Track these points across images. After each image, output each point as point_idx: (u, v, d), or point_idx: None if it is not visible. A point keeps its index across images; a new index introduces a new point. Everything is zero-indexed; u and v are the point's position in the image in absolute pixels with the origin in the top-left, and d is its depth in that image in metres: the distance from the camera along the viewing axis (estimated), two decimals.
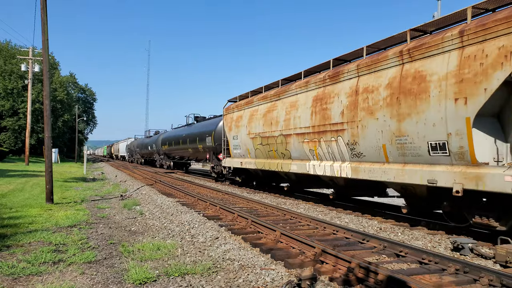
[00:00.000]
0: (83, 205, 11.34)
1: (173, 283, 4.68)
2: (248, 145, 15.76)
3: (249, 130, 15.50)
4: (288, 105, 12.59)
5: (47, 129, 11.62)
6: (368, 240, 6.74)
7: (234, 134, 17.08)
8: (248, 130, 15.52)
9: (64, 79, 63.86)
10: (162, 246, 6.35)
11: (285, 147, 12.77)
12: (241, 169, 17.36)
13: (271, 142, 13.67)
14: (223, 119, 18.97)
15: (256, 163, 15.12)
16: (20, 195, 13.14)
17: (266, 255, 6.04)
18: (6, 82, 49.92)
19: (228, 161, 18.18)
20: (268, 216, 9.55)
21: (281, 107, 13.06)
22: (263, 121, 14.22)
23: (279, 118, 13.07)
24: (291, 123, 12.29)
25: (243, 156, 16.50)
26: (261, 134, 14.36)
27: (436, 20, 7.99)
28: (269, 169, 14.02)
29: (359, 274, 4.81)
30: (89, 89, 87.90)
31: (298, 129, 11.91)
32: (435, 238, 7.57)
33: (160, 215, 9.74)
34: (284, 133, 12.74)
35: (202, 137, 22.87)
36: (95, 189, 16.62)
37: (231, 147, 17.65)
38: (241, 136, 16.29)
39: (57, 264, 5.36)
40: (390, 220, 9.48)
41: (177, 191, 14.88)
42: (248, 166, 15.93)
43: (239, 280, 4.84)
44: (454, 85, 6.88)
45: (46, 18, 11.51)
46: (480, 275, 4.76)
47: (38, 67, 37.02)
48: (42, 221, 8.42)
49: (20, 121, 50.02)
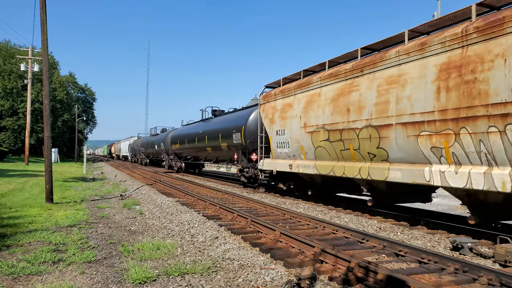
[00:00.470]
0: (83, 205, 11.35)
1: (173, 283, 4.69)
2: (303, 141, 11.95)
3: (304, 122, 11.72)
4: (382, 82, 8.88)
5: (46, 129, 11.62)
6: (368, 240, 6.75)
7: (279, 128, 13.36)
8: (304, 122, 11.76)
9: (63, 78, 63.86)
10: (162, 246, 6.35)
11: (377, 144, 9.01)
12: (287, 173, 13.49)
13: (347, 137, 9.83)
14: (259, 110, 15.22)
15: (316, 166, 11.26)
16: (20, 194, 13.14)
17: (265, 255, 6.04)
18: (6, 82, 49.89)
19: (268, 163, 14.33)
20: (267, 216, 9.56)
21: (367, 86, 9.25)
22: (331, 108, 10.41)
23: (364, 102, 9.24)
24: (391, 108, 8.54)
25: (293, 156, 12.73)
26: (328, 126, 10.55)
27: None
28: (342, 175, 10.15)
29: (359, 273, 4.82)
30: (88, 89, 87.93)
31: (406, 117, 8.15)
32: (434, 237, 7.58)
33: (160, 214, 9.75)
34: (374, 123, 9.01)
35: (226, 134, 18.93)
36: (94, 189, 16.62)
37: (273, 145, 13.87)
38: (291, 131, 12.55)
39: (57, 263, 5.37)
40: (390, 220, 9.49)
41: (176, 191, 14.88)
42: (302, 170, 12.00)
43: (239, 279, 4.84)
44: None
45: (45, 18, 11.52)
46: (479, 275, 4.77)
47: (37, 66, 37.00)
48: (42, 220, 8.42)
49: (19, 120, 50.00)
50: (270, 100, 14.27)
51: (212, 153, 22.39)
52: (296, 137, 12.33)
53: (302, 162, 12.12)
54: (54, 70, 58.14)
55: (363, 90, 9.41)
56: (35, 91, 47.55)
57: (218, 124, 21.20)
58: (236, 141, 17.76)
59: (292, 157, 12.80)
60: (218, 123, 21.51)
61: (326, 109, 10.71)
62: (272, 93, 14.18)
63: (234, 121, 18.69)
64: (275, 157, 13.95)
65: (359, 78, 9.60)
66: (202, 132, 23.03)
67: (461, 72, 7.03)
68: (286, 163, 12.98)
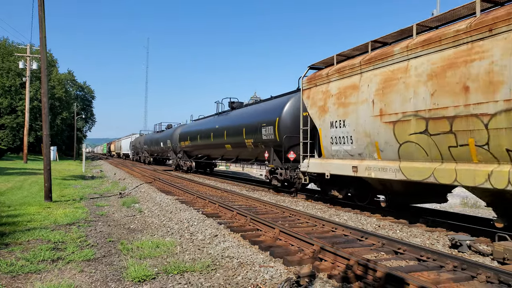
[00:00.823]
0: (81, 203, 11.34)
1: (172, 281, 4.69)
2: (377, 136, 9.02)
3: (380, 109, 8.84)
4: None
5: (45, 127, 11.60)
6: (367, 238, 6.76)
7: (335, 119, 10.41)
8: (379, 109, 8.86)
9: (62, 76, 63.65)
10: (161, 244, 6.35)
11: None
12: (344, 177, 10.55)
13: (465, 127, 6.98)
14: (301, 97, 12.34)
15: (402, 169, 8.33)
16: (19, 193, 13.13)
17: (265, 253, 6.05)
18: (4, 80, 49.75)
19: (317, 164, 11.39)
20: (267, 214, 9.57)
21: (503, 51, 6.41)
22: (432, 86, 7.59)
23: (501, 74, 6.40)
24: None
25: (358, 156, 9.75)
26: (425, 113, 7.72)
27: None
28: (452, 182, 7.28)
29: (358, 271, 4.82)
30: (87, 87, 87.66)
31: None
32: (433, 235, 7.59)
33: (159, 213, 9.74)
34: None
35: (253, 128, 16.30)
36: (93, 187, 16.61)
37: (325, 141, 10.95)
38: (356, 121, 9.61)
39: (56, 262, 5.37)
40: (389, 218, 9.50)
41: (176, 189, 14.88)
42: (376, 175, 9.08)
43: (238, 277, 4.85)
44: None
45: (43, 15, 11.48)
46: (477, 272, 4.78)
47: (36, 64, 36.89)
48: (41, 219, 8.42)
49: (18, 119, 49.88)
50: (319, 83, 11.28)
51: (231, 151, 19.74)
52: (365, 130, 9.32)
53: (375, 163, 9.15)
54: (53, 68, 57.98)
55: (496, 57, 6.53)
56: (34, 89, 47.42)
57: (241, 117, 18.51)
58: (267, 137, 15.18)
59: (357, 156, 9.79)
60: (240, 116, 18.86)
61: (420, 89, 7.83)
62: (323, 74, 11.11)
63: (264, 113, 16.02)
64: (327, 156, 11.02)
65: (486, 40, 6.74)
66: (220, 127, 20.48)
67: None
68: (348, 164, 10.01)
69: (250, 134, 16.66)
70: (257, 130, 15.91)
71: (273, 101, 16.42)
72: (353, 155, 9.96)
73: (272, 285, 4.58)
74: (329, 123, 10.71)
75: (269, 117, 15.19)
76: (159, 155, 38.29)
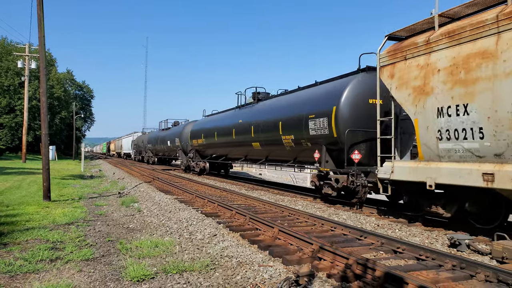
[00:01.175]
0: (80, 203, 11.32)
1: (171, 280, 4.68)
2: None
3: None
4: None
5: (44, 126, 11.57)
6: (366, 237, 6.76)
7: (446, 104, 7.30)
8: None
9: (61, 76, 63.56)
10: (160, 243, 6.35)
11: None
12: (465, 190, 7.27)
13: None
14: (377, 76, 9.18)
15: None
16: (17, 192, 13.10)
17: (264, 252, 6.04)
18: (3, 79, 49.67)
19: (408, 169, 8.23)
20: (266, 213, 9.56)
21: None
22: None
23: None
24: None
25: (495, 157, 6.59)
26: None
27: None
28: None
29: (357, 270, 4.82)
30: (86, 86, 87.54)
31: None
32: (432, 234, 7.59)
33: (158, 212, 9.73)
34: None
35: (295, 122, 13.17)
36: (92, 187, 16.59)
37: (428, 135, 7.78)
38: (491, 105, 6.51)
39: (55, 261, 5.36)
40: (388, 217, 9.50)
41: (175, 188, 14.86)
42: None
43: (237, 277, 4.84)
44: None
45: (42, 14, 11.44)
46: (476, 271, 4.78)
47: (34, 63, 36.83)
48: (39, 218, 8.40)
49: (16, 118, 49.82)
50: (409, 55, 8.20)
51: (260, 150, 16.42)
52: (510, 118, 6.29)
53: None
54: (52, 67, 57.90)
55: None
56: (32, 88, 47.33)
57: (274, 109, 15.24)
58: (317, 132, 11.93)
59: (491, 158, 6.69)
60: (272, 108, 15.56)
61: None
62: (419, 41, 8.04)
63: (310, 102, 12.67)
64: (428, 158, 7.90)
65: None
66: (245, 122, 17.25)
67: None
68: (472, 169, 6.85)
69: (289, 130, 13.51)
70: (300, 124, 12.72)
71: (322, 87, 12.82)
72: (483, 156, 6.82)
73: (271, 284, 4.58)
74: (434, 110, 7.58)
75: (320, 107, 11.91)
76: (165, 155, 34.84)
